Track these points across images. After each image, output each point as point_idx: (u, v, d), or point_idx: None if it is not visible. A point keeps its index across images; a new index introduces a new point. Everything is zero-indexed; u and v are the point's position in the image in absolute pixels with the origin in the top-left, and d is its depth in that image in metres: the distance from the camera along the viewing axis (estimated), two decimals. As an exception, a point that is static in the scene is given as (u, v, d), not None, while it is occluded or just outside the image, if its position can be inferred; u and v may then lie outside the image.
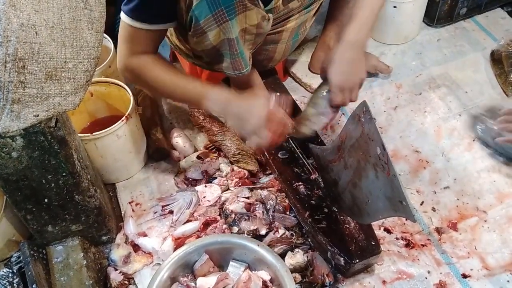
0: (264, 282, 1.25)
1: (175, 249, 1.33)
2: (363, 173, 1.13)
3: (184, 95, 1.28)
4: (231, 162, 1.56)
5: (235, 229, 1.37)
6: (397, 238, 1.40)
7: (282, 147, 1.52)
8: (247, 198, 1.44)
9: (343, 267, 1.28)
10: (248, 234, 1.35)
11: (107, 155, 1.47)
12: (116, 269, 1.36)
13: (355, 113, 1.09)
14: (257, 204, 1.42)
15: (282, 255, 1.32)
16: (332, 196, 1.35)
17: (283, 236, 1.36)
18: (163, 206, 1.48)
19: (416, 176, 1.54)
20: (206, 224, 1.42)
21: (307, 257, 1.33)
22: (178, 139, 1.63)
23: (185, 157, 1.61)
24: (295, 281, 1.27)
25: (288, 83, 1.83)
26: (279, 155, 1.50)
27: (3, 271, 1.30)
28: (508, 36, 1.90)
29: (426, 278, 1.31)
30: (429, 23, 2.02)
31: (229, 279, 1.26)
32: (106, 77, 1.57)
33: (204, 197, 1.48)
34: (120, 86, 1.52)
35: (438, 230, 1.41)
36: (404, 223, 1.42)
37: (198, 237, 1.37)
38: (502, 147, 1.53)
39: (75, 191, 1.22)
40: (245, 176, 1.52)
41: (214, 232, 1.38)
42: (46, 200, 1.19)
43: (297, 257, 1.33)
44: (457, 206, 1.46)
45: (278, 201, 1.42)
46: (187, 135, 1.66)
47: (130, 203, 1.53)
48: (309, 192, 1.39)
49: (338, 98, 1.23)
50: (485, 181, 1.51)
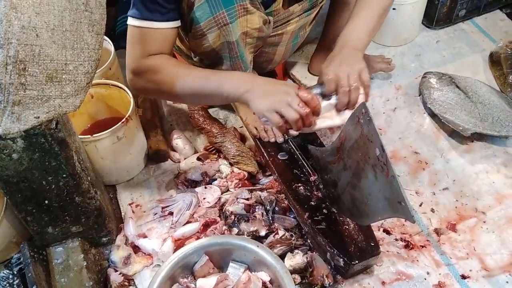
0: (264, 283, 1.26)
1: (175, 250, 1.33)
2: (363, 174, 1.13)
3: (204, 86, 1.19)
4: (231, 164, 1.56)
5: (235, 230, 1.38)
6: (396, 239, 1.40)
7: (282, 149, 1.52)
8: (247, 200, 1.44)
9: (343, 268, 1.28)
10: (248, 235, 1.36)
11: (108, 157, 1.47)
12: (116, 270, 1.36)
13: (354, 115, 1.09)
14: (257, 206, 1.42)
15: (282, 256, 1.32)
16: (332, 197, 1.35)
17: (283, 237, 1.37)
18: (163, 208, 1.49)
19: (415, 177, 1.54)
20: (206, 226, 1.42)
21: (307, 258, 1.33)
22: (178, 141, 1.63)
23: (185, 159, 1.61)
24: (295, 282, 1.28)
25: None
26: (279, 157, 1.50)
27: (4, 273, 1.31)
28: (507, 38, 1.91)
29: (425, 279, 1.32)
30: (428, 25, 2.02)
31: (229, 280, 1.26)
32: (107, 79, 1.57)
33: (204, 199, 1.48)
34: (121, 88, 1.53)
35: (437, 231, 1.41)
36: (403, 224, 1.43)
37: (198, 239, 1.37)
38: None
39: (76, 193, 1.22)
40: (245, 178, 1.52)
41: (214, 234, 1.38)
42: (47, 202, 1.20)
43: (297, 258, 1.33)
44: (456, 207, 1.46)
45: (278, 203, 1.42)
46: (187, 137, 1.67)
47: (130, 205, 1.53)
48: (309, 193, 1.40)
49: (332, 86, 1.15)
50: (484, 182, 1.52)
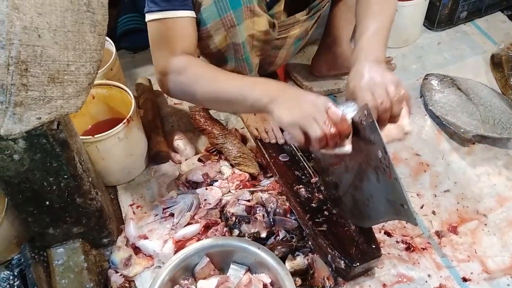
0: (265, 285, 1.25)
1: (176, 252, 1.33)
2: (364, 176, 1.13)
3: (227, 91, 1.15)
4: (232, 165, 1.56)
5: (236, 232, 1.38)
6: (398, 242, 1.40)
7: (283, 150, 1.52)
8: (248, 201, 1.44)
9: (344, 270, 1.28)
10: (249, 237, 1.36)
11: (109, 158, 1.47)
12: (117, 272, 1.36)
13: (357, 117, 1.09)
14: (258, 207, 1.42)
15: (283, 258, 1.31)
16: (333, 199, 1.35)
17: (284, 239, 1.37)
18: (164, 209, 1.48)
19: (416, 180, 1.54)
20: (207, 227, 1.42)
21: (308, 260, 1.33)
22: (179, 142, 1.63)
23: (186, 160, 1.61)
24: (296, 284, 1.27)
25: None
26: (280, 158, 1.50)
27: (4, 274, 1.31)
28: (508, 40, 1.91)
29: (427, 282, 1.31)
30: (430, 27, 2.02)
31: (230, 282, 1.26)
32: (108, 80, 1.57)
33: (205, 200, 1.48)
34: (122, 89, 1.53)
35: (438, 234, 1.41)
36: (405, 227, 1.42)
37: (199, 240, 1.37)
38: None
39: (77, 194, 1.22)
40: (246, 179, 1.52)
41: (215, 235, 1.38)
42: (48, 203, 1.19)
43: (298, 260, 1.33)
44: (457, 210, 1.46)
45: (279, 204, 1.42)
46: (188, 138, 1.66)
47: (131, 206, 1.53)
48: (310, 195, 1.39)
49: (370, 102, 1.05)
50: (485, 185, 1.51)
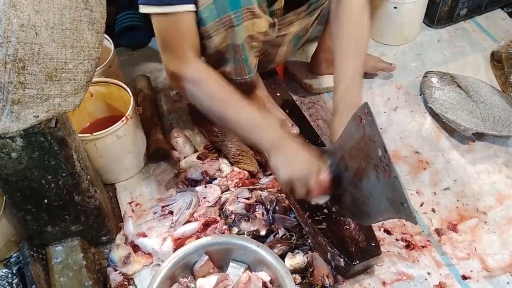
0: (264, 283, 1.25)
1: (175, 250, 1.32)
2: (364, 175, 1.12)
3: (239, 123, 1.19)
4: (231, 163, 1.56)
5: (235, 230, 1.37)
6: (397, 239, 1.40)
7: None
8: (247, 199, 1.44)
9: (343, 268, 1.28)
10: (248, 235, 1.35)
11: (107, 156, 1.47)
12: (116, 270, 1.35)
13: (357, 115, 1.08)
14: (257, 205, 1.42)
15: (282, 256, 1.31)
16: (333, 197, 1.34)
17: (283, 237, 1.36)
18: (163, 207, 1.48)
19: (416, 177, 1.54)
20: (206, 225, 1.42)
21: (307, 258, 1.33)
22: (178, 140, 1.62)
23: (185, 158, 1.60)
24: (295, 282, 1.27)
25: (288, 84, 1.83)
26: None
27: (3, 272, 1.30)
28: (509, 37, 1.90)
29: (426, 280, 1.31)
30: (429, 24, 2.02)
31: (229, 280, 1.26)
32: (106, 77, 1.56)
33: (204, 198, 1.47)
34: (120, 87, 1.52)
35: (438, 232, 1.41)
36: (404, 224, 1.42)
37: (198, 238, 1.37)
38: None
39: (75, 192, 1.21)
40: (245, 177, 1.52)
41: (214, 233, 1.38)
42: (46, 201, 1.19)
43: (297, 258, 1.33)
44: (457, 208, 1.46)
45: (278, 202, 1.42)
46: (187, 136, 1.66)
47: (130, 204, 1.52)
48: (309, 193, 1.39)
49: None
50: (485, 183, 1.51)
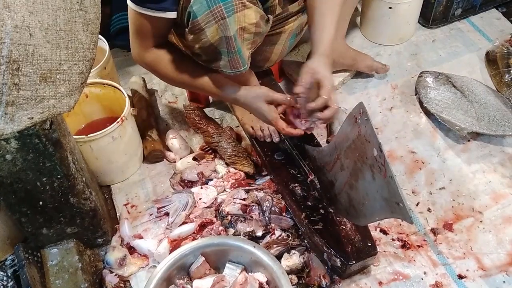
0: (261, 284, 1.25)
1: (171, 251, 1.32)
2: (360, 175, 1.13)
3: (199, 84, 1.37)
4: (227, 164, 1.55)
5: (231, 231, 1.37)
6: (393, 239, 1.40)
7: (279, 149, 1.51)
8: (243, 200, 1.44)
9: (340, 269, 1.28)
10: (244, 236, 1.35)
11: (102, 157, 1.46)
12: (112, 272, 1.35)
13: (352, 115, 1.08)
14: (253, 206, 1.42)
15: (278, 257, 1.31)
16: (329, 198, 1.35)
17: (279, 238, 1.36)
18: (159, 208, 1.48)
19: (412, 177, 1.54)
20: (202, 226, 1.41)
21: (304, 259, 1.33)
22: (174, 141, 1.62)
23: (181, 159, 1.60)
24: (292, 283, 1.27)
25: (284, 84, 1.83)
26: (275, 157, 1.49)
27: (-2, 275, 1.30)
28: (503, 37, 1.91)
29: (422, 279, 1.32)
30: (424, 24, 2.02)
31: (225, 281, 1.26)
32: (101, 79, 1.56)
33: (200, 199, 1.47)
34: (116, 88, 1.52)
35: (434, 231, 1.41)
36: (400, 224, 1.42)
37: (194, 239, 1.37)
38: None
39: (70, 194, 1.21)
40: (241, 178, 1.52)
41: (210, 234, 1.38)
42: (41, 203, 1.19)
43: (294, 259, 1.33)
44: (453, 207, 1.46)
45: (274, 203, 1.42)
46: (183, 137, 1.66)
47: (126, 205, 1.52)
48: (305, 194, 1.39)
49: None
50: (481, 182, 1.52)
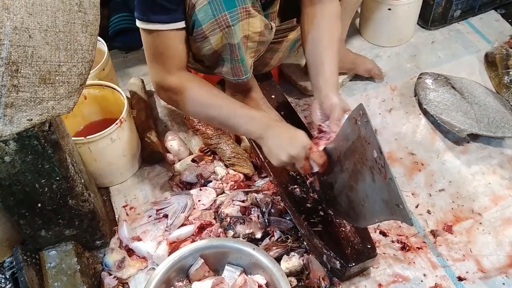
0: (260, 286, 1.25)
1: (170, 254, 1.32)
2: (360, 176, 1.12)
3: (224, 119, 1.25)
4: (226, 166, 1.55)
5: (231, 233, 1.37)
6: (393, 241, 1.39)
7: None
8: (243, 202, 1.43)
9: (339, 271, 1.28)
10: (244, 238, 1.35)
11: (101, 159, 1.46)
12: (110, 274, 1.35)
13: (352, 116, 1.08)
14: (253, 208, 1.41)
15: (278, 259, 1.31)
16: (328, 199, 1.34)
17: (279, 240, 1.36)
18: (158, 210, 1.47)
19: (411, 179, 1.54)
20: (201, 228, 1.41)
21: (303, 261, 1.33)
22: (173, 142, 1.61)
23: (180, 161, 1.60)
24: (291, 285, 1.27)
25: (283, 86, 1.82)
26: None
27: (-4, 277, 1.29)
28: (502, 38, 1.91)
29: (422, 281, 1.31)
30: (424, 25, 2.02)
31: (225, 284, 1.25)
32: (100, 80, 1.56)
33: (199, 201, 1.47)
34: (114, 89, 1.51)
35: (434, 233, 1.41)
36: (400, 226, 1.42)
37: (193, 241, 1.36)
38: None
39: (69, 196, 1.21)
40: (241, 180, 1.51)
41: (209, 236, 1.37)
42: (40, 205, 1.18)
43: (293, 261, 1.32)
44: (452, 209, 1.46)
45: (274, 205, 1.41)
46: (182, 138, 1.65)
47: (124, 207, 1.52)
48: (305, 195, 1.39)
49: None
50: (480, 184, 1.52)
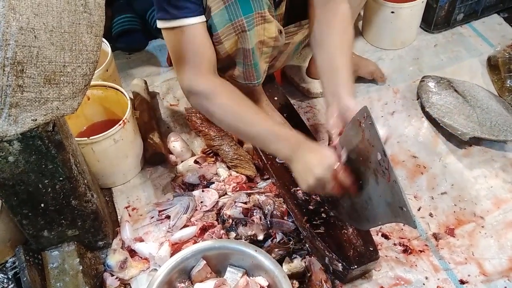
0: (262, 288, 1.25)
1: (172, 255, 1.32)
2: (363, 179, 1.12)
3: (254, 135, 1.21)
4: (229, 167, 1.55)
5: (233, 235, 1.37)
6: (395, 244, 1.39)
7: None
8: (245, 203, 1.43)
9: (341, 273, 1.28)
10: (246, 240, 1.35)
11: (104, 160, 1.46)
12: (113, 275, 1.34)
13: (356, 119, 1.08)
14: (255, 209, 1.41)
15: (280, 261, 1.31)
16: (331, 202, 1.34)
17: (281, 242, 1.36)
18: (160, 211, 1.47)
19: (414, 182, 1.54)
20: (204, 229, 1.41)
21: (305, 263, 1.33)
22: (175, 144, 1.62)
23: (182, 162, 1.60)
24: (293, 287, 1.27)
25: (286, 88, 1.83)
26: (277, 160, 1.49)
27: (-2, 277, 1.29)
28: (505, 42, 1.91)
29: (424, 284, 1.31)
30: (426, 29, 2.02)
31: (227, 285, 1.25)
32: (104, 81, 1.56)
33: (202, 202, 1.47)
34: (117, 90, 1.52)
35: (436, 236, 1.41)
36: (402, 229, 1.42)
37: (195, 243, 1.36)
38: None
39: (72, 196, 1.21)
40: (243, 181, 1.51)
41: (212, 238, 1.37)
42: (43, 205, 1.18)
43: (295, 263, 1.32)
44: (455, 212, 1.46)
45: (276, 206, 1.41)
46: (184, 140, 1.65)
47: (127, 208, 1.52)
48: (307, 197, 1.39)
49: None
50: (482, 187, 1.52)
